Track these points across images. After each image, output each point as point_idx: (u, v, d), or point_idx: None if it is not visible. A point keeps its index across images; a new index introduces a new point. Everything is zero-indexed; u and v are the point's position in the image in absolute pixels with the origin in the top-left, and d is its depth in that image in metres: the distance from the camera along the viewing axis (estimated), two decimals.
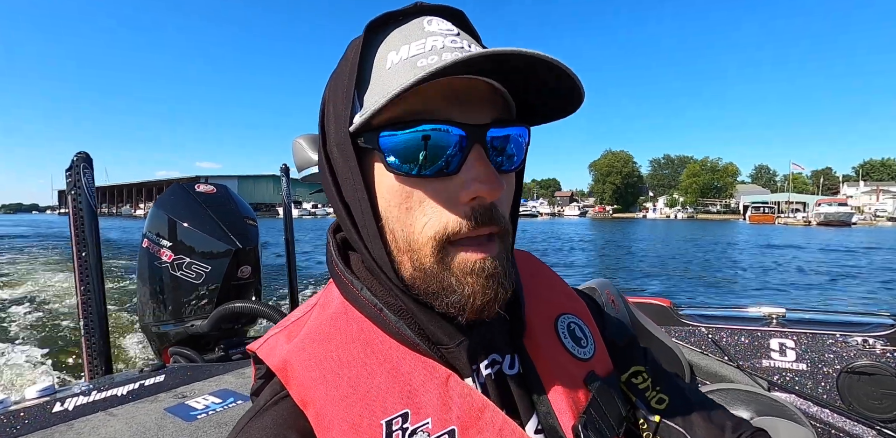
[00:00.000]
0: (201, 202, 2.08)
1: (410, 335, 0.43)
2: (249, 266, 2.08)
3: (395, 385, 0.40)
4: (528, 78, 0.40)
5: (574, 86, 0.39)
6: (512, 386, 0.46)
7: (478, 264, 0.40)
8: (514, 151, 0.43)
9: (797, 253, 15.93)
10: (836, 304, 7.60)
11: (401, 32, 0.41)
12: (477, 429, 0.40)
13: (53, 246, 14.85)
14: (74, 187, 1.76)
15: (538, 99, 0.44)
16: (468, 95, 0.40)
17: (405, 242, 0.41)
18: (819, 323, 1.75)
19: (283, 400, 0.43)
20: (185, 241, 2.00)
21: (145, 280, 2.05)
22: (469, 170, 0.39)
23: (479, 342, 0.45)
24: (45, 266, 9.68)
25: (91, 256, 1.77)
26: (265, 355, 0.45)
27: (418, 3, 0.43)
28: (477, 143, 0.39)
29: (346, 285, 0.46)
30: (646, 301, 1.98)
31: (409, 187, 0.40)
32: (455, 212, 0.39)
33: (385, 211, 0.42)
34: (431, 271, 0.41)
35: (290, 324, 0.48)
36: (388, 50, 0.41)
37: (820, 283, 9.80)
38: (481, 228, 0.40)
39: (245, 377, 1.51)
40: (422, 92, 0.37)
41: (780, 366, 1.69)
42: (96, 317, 1.78)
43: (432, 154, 0.38)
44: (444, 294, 0.41)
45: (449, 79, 0.38)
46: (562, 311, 0.55)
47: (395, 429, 0.38)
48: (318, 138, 0.45)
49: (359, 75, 0.41)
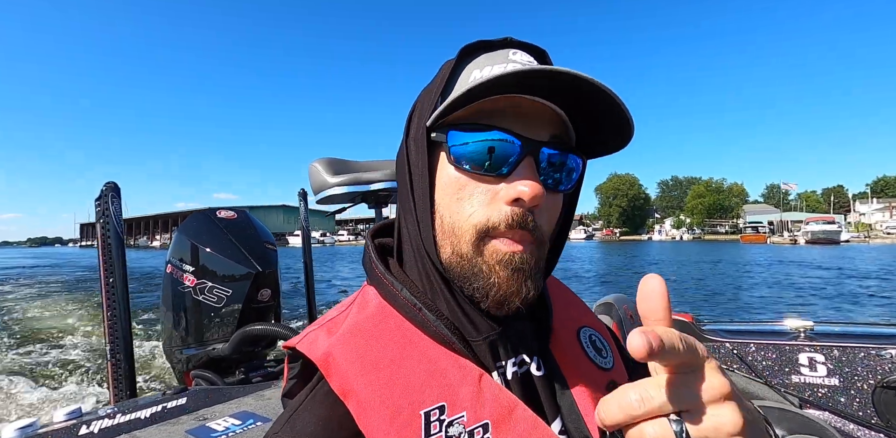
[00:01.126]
0: (223, 228, 2.14)
1: (447, 334, 0.46)
2: (269, 289, 2.12)
3: (433, 380, 0.43)
4: (586, 108, 0.45)
5: (625, 122, 0.44)
6: (539, 388, 0.48)
7: (507, 255, 0.43)
8: (565, 173, 0.47)
9: (753, 269, 17.21)
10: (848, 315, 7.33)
11: (488, 57, 0.48)
12: (509, 425, 0.42)
13: (64, 277, 15.26)
14: (103, 215, 1.84)
15: (593, 130, 0.48)
16: (532, 114, 0.45)
17: (450, 227, 0.45)
18: (849, 336, 1.68)
19: (323, 392, 0.45)
20: (207, 265, 2.05)
21: (169, 305, 2.10)
22: (517, 175, 0.44)
23: (507, 339, 0.48)
24: (65, 294, 9.93)
25: (118, 282, 1.84)
26: (306, 348, 0.47)
27: (509, 37, 0.49)
28: (530, 155, 0.44)
29: (386, 286, 0.49)
30: None
31: (464, 180, 0.45)
32: (497, 209, 0.44)
33: (439, 198, 0.47)
34: (467, 256, 0.44)
35: (328, 321, 0.50)
36: (474, 68, 0.47)
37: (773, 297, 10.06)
38: (515, 230, 0.43)
39: (265, 399, 1.52)
40: (493, 103, 0.44)
41: (810, 382, 1.63)
42: (122, 342, 1.82)
43: (490, 155, 0.44)
44: (473, 279, 0.44)
45: (518, 97, 0.44)
46: (582, 324, 0.59)
47: (433, 420, 0.40)
48: (403, 137, 0.51)
49: (446, 86, 0.48)
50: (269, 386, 1.64)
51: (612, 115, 0.44)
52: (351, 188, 1.60)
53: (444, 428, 0.40)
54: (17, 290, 11.27)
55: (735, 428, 0.30)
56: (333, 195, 1.64)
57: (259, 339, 1.99)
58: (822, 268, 16.73)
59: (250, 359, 2.13)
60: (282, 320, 2.31)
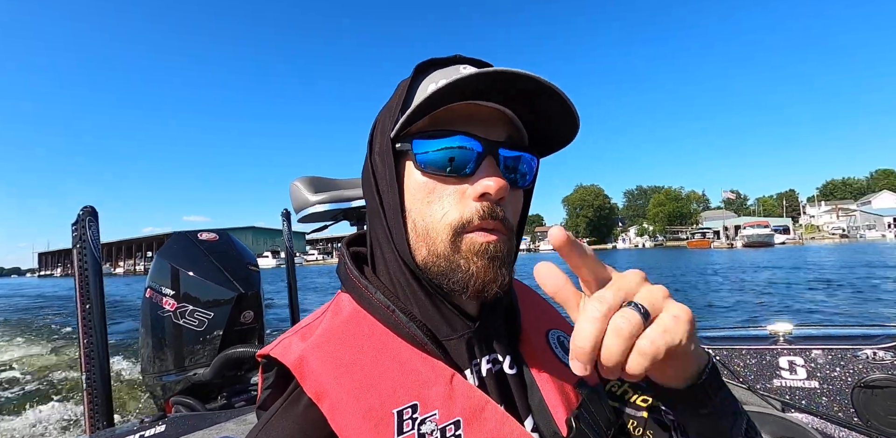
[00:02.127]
0: (204, 250, 2.11)
1: (419, 335, 0.48)
2: (252, 311, 2.09)
3: (405, 380, 0.44)
4: (533, 106, 0.48)
5: (569, 111, 0.47)
6: (512, 385, 0.51)
7: (483, 246, 0.46)
8: (522, 171, 0.51)
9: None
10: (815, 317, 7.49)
11: (440, 72, 0.52)
12: (480, 422, 0.44)
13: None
14: (80, 240, 1.81)
15: (544, 128, 0.52)
16: (487, 118, 0.49)
17: (424, 230, 0.48)
18: (827, 338, 1.72)
19: (296, 399, 0.46)
20: (187, 289, 2.01)
21: (149, 330, 2.05)
22: (481, 173, 0.47)
23: (481, 338, 0.51)
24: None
25: (95, 309, 1.79)
26: (280, 353, 0.48)
27: (457, 54, 0.53)
28: (490, 154, 0.48)
29: (360, 289, 0.51)
30: None
31: (432, 183, 0.48)
32: (467, 206, 0.47)
33: (409, 204, 0.49)
34: (444, 254, 0.47)
35: (302, 328, 0.52)
36: (429, 82, 0.51)
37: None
38: (487, 221, 0.47)
39: (247, 423, 1.49)
40: (450, 111, 0.47)
41: (791, 385, 1.65)
42: (98, 370, 1.77)
43: (453, 159, 0.47)
44: (451, 273, 0.47)
45: (471, 104, 0.47)
46: (551, 327, 0.61)
47: (405, 418, 0.42)
48: (366, 155, 0.55)
49: (405, 102, 0.51)
50: (251, 410, 1.60)
51: (558, 109, 0.47)
52: (332, 206, 1.62)
53: (416, 426, 0.42)
54: None
55: (687, 315, 0.34)
56: (315, 213, 1.64)
57: (241, 362, 1.94)
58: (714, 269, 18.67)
59: (233, 383, 2.08)
60: (265, 342, 2.27)
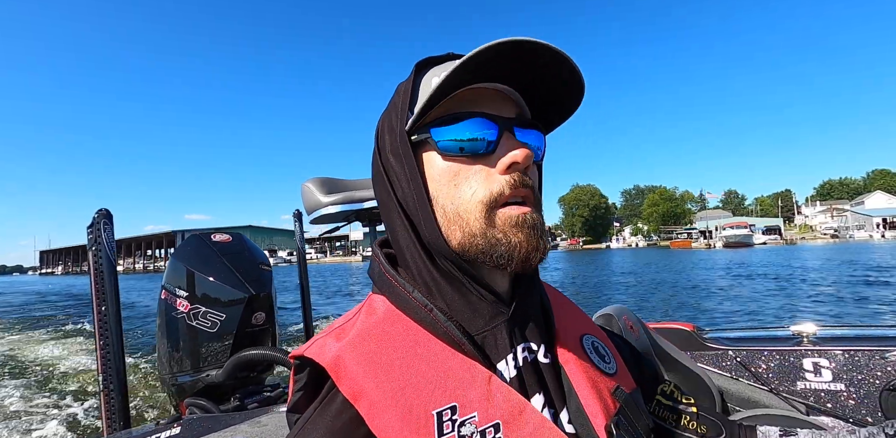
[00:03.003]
0: (217, 251, 2.12)
1: (457, 334, 0.47)
2: (263, 313, 2.09)
3: (443, 381, 0.44)
4: (536, 75, 0.49)
5: (573, 73, 0.47)
6: (546, 375, 0.50)
7: (520, 217, 0.47)
8: (536, 145, 0.52)
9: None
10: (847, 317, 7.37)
11: (439, 68, 0.52)
12: (518, 425, 0.43)
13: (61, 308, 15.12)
14: (95, 243, 1.83)
15: (550, 100, 0.53)
16: (494, 97, 0.50)
17: (454, 213, 0.48)
18: (853, 339, 1.67)
19: (333, 398, 0.45)
20: (200, 290, 2.02)
21: (163, 332, 2.07)
22: (503, 147, 0.48)
23: (515, 326, 0.50)
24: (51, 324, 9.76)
25: (110, 311, 1.81)
26: (315, 353, 0.47)
27: (451, 52, 0.54)
28: (506, 130, 0.49)
29: (397, 289, 0.51)
30: (667, 327, 1.93)
31: (456, 166, 0.48)
32: (496, 181, 0.47)
33: (435, 192, 0.49)
34: (480, 231, 0.47)
35: (336, 329, 0.51)
36: (432, 76, 0.51)
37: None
38: (520, 189, 0.47)
39: (261, 425, 1.48)
40: (458, 96, 0.48)
41: (816, 388, 1.60)
42: (115, 371, 1.78)
43: (474, 138, 0.47)
44: (492, 249, 0.46)
45: (476, 88, 0.49)
46: (585, 331, 0.60)
47: (445, 420, 0.41)
48: (374, 157, 0.55)
49: (411, 98, 0.51)
50: (265, 412, 1.60)
51: (560, 70, 0.47)
52: (344, 207, 1.61)
53: (456, 428, 0.41)
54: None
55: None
56: (326, 215, 1.64)
57: (254, 364, 1.95)
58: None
59: (245, 385, 2.08)
60: (278, 343, 2.27)
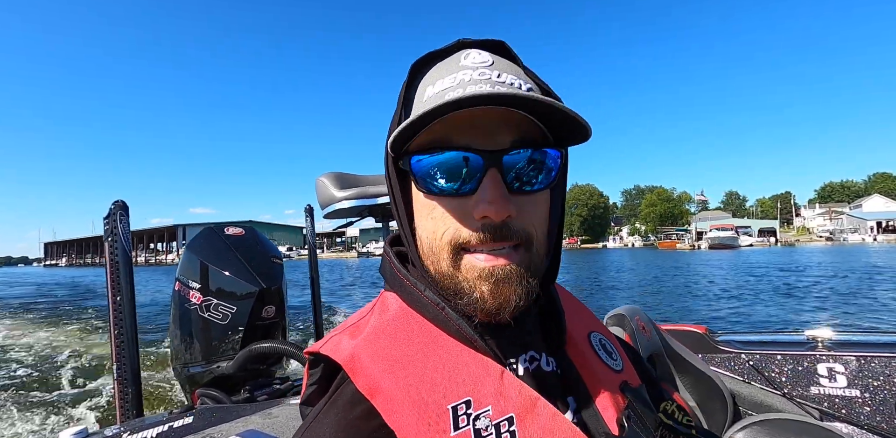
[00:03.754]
0: (230, 245, 2.14)
1: (469, 332, 0.47)
2: (274, 306, 2.11)
3: (457, 377, 0.44)
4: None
5: (577, 124, 0.42)
6: (549, 383, 0.50)
7: (486, 270, 0.43)
8: (535, 173, 0.45)
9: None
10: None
11: (439, 68, 0.47)
12: (531, 418, 0.43)
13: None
14: (111, 234, 1.85)
15: (560, 124, 0.46)
16: (487, 123, 0.43)
17: (428, 247, 0.47)
18: (869, 345, 1.65)
19: (342, 395, 0.46)
20: (212, 283, 2.04)
21: (176, 322, 2.09)
22: (482, 192, 0.43)
23: (516, 336, 0.50)
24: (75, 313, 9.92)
25: (125, 301, 1.83)
26: (330, 350, 0.48)
27: (460, 39, 0.48)
28: (493, 167, 0.43)
29: (408, 288, 0.50)
30: (680, 329, 1.92)
31: (433, 202, 0.46)
32: (469, 225, 0.44)
33: (418, 220, 0.49)
34: (447, 274, 0.46)
35: (350, 326, 0.52)
36: (426, 84, 0.47)
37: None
38: (493, 243, 0.43)
39: (272, 417, 1.50)
40: (447, 121, 0.41)
41: (830, 393, 1.58)
42: (129, 361, 1.81)
43: (451, 177, 0.44)
44: (459, 295, 0.45)
45: (469, 110, 0.41)
46: (591, 329, 0.61)
47: (460, 414, 0.41)
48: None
49: (405, 108, 0.49)
50: (276, 404, 1.61)
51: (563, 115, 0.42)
52: (358, 202, 1.61)
53: (471, 422, 0.41)
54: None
55: None
56: (340, 209, 1.64)
57: (265, 357, 1.97)
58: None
59: (256, 377, 2.10)
60: (288, 336, 2.29)
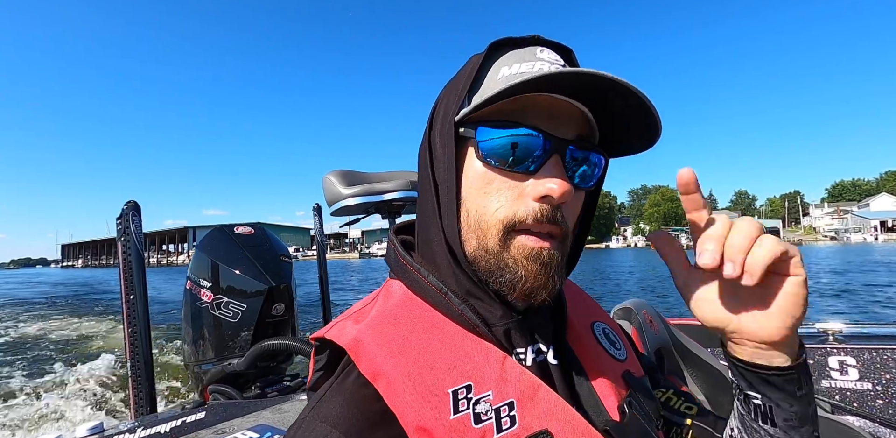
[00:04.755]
0: (239, 243, 2.17)
1: (472, 317, 0.47)
2: (283, 304, 2.13)
3: (458, 362, 0.44)
4: (612, 110, 0.45)
5: (652, 122, 0.44)
6: (555, 375, 0.50)
7: (535, 251, 0.45)
8: (588, 171, 0.48)
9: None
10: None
11: (516, 54, 0.48)
12: (533, 403, 0.43)
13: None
14: (124, 233, 1.88)
15: (618, 132, 0.49)
16: (558, 113, 0.46)
17: (476, 221, 0.47)
18: (881, 338, 1.63)
19: (349, 376, 0.46)
20: (222, 281, 2.07)
21: (188, 320, 2.12)
22: (545, 172, 0.45)
23: (525, 328, 0.50)
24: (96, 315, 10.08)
25: (138, 300, 1.86)
26: (335, 335, 0.48)
27: (536, 35, 0.50)
28: (557, 153, 0.45)
29: (412, 273, 0.51)
30: (688, 323, 1.91)
31: (492, 175, 0.46)
32: (524, 204, 0.45)
33: (466, 191, 0.48)
34: (493, 251, 0.45)
35: (355, 312, 0.52)
36: (502, 65, 0.48)
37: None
38: (543, 225, 0.44)
39: (283, 412, 1.51)
40: (520, 101, 0.44)
41: (842, 386, 1.57)
42: (142, 358, 1.84)
43: (519, 153, 0.44)
44: (499, 273, 0.45)
45: (544, 95, 0.44)
46: (595, 319, 0.61)
47: (460, 398, 0.42)
48: (425, 129, 0.52)
49: (474, 82, 0.48)
50: (286, 399, 1.63)
51: (638, 115, 0.45)
52: (365, 199, 1.62)
53: (471, 406, 0.42)
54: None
55: (797, 253, 0.40)
56: (347, 206, 1.66)
57: (275, 354, 1.99)
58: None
59: (266, 374, 2.13)
60: (297, 334, 2.31)
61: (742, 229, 0.40)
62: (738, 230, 0.40)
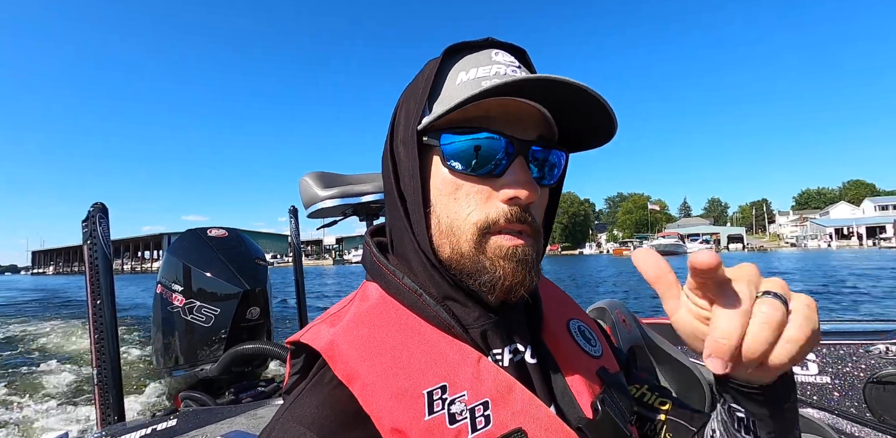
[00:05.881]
0: (213, 246, 2.12)
1: (446, 318, 0.48)
2: (258, 307, 2.09)
3: (433, 363, 0.45)
4: (570, 108, 0.47)
5: (609, 119, 0.46)
6: (532, 375, 0.50)
7: (511, 249, 0.46)
8: (551, 169, 0.50)
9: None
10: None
11: (472, 58, 0.49)
12: (508, 402, 0.44)
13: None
14: (90, 237, 1.82)
15: (577, 128, 0.51)
16: (519, 115, 0.48)
17: (448, 227, 0.47)
18: (838, 333, 1.71)
19: (323, 378, 0.46)
20: (195, 285, 2.02)
21: (159, 326, 2.06)
22: (511, 175, 0.46)
23: (502, 328, 0.50)
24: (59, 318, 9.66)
25: (105, 305, 1.80)
26: (310, 339, 0.48)
27: (490, 38, 0.51)
28: (521, 154, 0.47)
29: (387, 275, 0.51)
30: (659, 322, 1.96)
31: (460, 181, 0.47)
32: (494, 207, 0.46)
33: (434, 199, 0.49)
34: (468, 254, 0.47)
35: (331, 316, 0.52)
36: (459, 70, 0.49)
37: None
38: (515, 224, 0.46)
39: (257, 418, 1.49)
40: (482, 106, 0.45)
41: (802, 380, 1.64)
42: (109, 365, 1.78)
43: (483, 157, 0.46)
44: (477, 274, 0.46)
45: (505, 99, 0.46)
46: (571, 316, 0.62)
47: (435, 399, 0.42)
48: (386, 138, 0.53)
49: (432, 88, 0.49)
50: (262, 405, 1.60)
51: (596, 112, 0.46)
52: (342, 201, 1.62)
53: (446, 406, 0.42)
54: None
55: (813, 303, 0.35)
56: (324, 209, 1.65)
57: (249, 359, 1.95)
58: None
59: (240, 380, 2.09)
60: (272, 338, 2.27)
61: (767, 316, 0.33)
62: (761, 319, 0.33)
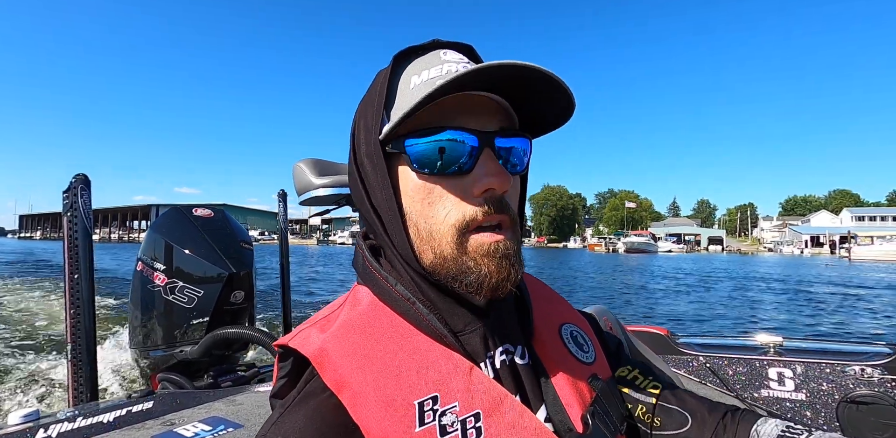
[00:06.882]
0: (198, 226, 2.08)
1: (439, 327, 0.47)
2: (243, 291, 2.06)
3: (425, 373, 0.44)
4: (527, 91, 0.47)
5: (566, 97, 0.46)
6: (523, 376, 0.50)
7: (492, 246, 0.45)
8: (517, 157, 0.50)
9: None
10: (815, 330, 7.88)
11: (421, 61, 0.49)
12: (499, 414, 0.44)
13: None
14: (71, 208, 1.76)
15: (538, 109, 0.51)
16: (478, 108, 0.47)
17: (427, 232, 0.47)
18: (817, 352, 1.74)
19: (312, 388, 0.45)
20: (179, 265, 1.98)
21: (137, 304, 2.02)
22: (481, 168, 0.46)
23: (493, 330, 0.50)
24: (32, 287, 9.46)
25: (83, 279, 1.76)
26: (299, 344, 0.47)
27: (436, 39, 0.51)
28: (487, 146, 0.46)
29: (379, 281, 0.50)
30: (643, 330, 1.98)
31: (431, 184, 0.46)
32: (471, 203, 0.46)
33: (409, 207, 0.48)
34: (451, 257, 0.46)
35: (320, 320, 0.51)
36: (411, 74, 0.49)
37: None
38: (494, 216, 0.46)
39: (236, 404, 1.47)
40: (440, 105, 0.45)
41: (779, 396, 1.67)
42: (84, 342, 1.74)
43: (450, 156, 0.45)
44: (463, 276, 0.46)
45: (461, 95, 0.45)
46: (564, 321, 0.61)
47: (426, 410, 0.42)
48: (350, 154, 0.52)
49: (387, 97, 0.49)
50: (240, 391, 1.59)
51: (551, 88, 0.46)
52: (336, 190, 1.58)
53: (437, 417, 0.42)
54: None
55: None
56: (318, 197, 1.61)
57: (231, 342, 1.93)
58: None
59: (220, 363, 2.06)
60: (255, 322, 2.25)
61: None
62: None
